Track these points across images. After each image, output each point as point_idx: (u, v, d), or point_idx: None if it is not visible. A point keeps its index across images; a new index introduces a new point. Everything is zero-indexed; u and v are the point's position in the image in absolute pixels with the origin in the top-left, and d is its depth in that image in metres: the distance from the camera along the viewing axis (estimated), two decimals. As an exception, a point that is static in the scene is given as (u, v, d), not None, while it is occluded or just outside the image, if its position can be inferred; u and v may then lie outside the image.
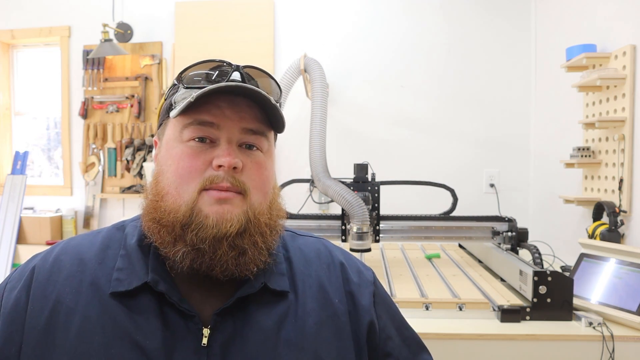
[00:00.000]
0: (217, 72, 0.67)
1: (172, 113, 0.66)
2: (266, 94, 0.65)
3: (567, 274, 1.46)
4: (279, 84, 0.72)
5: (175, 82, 0.69)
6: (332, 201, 1.97)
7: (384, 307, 0.75)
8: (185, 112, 0.64)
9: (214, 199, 0.62)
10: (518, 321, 1.29)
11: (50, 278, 0.64)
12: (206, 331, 0.61)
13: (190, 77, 0.67)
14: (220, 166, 0.62)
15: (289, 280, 0.69)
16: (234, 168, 0.63)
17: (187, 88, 0.67)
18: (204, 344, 0.61)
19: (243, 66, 0.68)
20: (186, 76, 0.68)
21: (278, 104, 0.71)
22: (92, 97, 3.04)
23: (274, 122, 0.68)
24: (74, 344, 0.59)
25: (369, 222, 1.55)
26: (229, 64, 0.68)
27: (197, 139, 0.64)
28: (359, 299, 0.71)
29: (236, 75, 0.66)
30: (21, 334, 0.61)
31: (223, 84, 0.63)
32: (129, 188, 3.01)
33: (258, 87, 0.68)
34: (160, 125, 0.72)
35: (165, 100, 0.71)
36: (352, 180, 1.75)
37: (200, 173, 0.63)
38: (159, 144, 0.71)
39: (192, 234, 0.61)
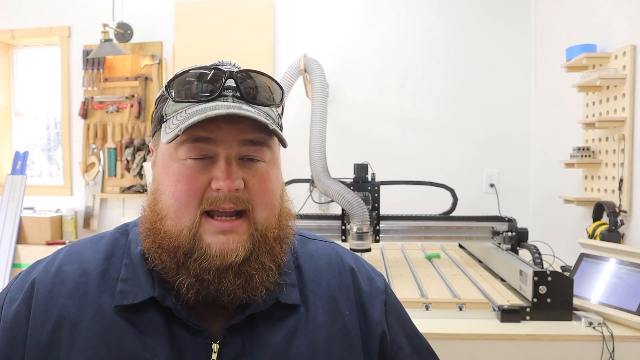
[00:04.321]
0: (206, 79, 0.61)
1: (164, 137, 0.61)
2: (264, 119, 0.58)
3: (567, 274, 1.46)
4: (280, 83, 0.67)
5: (164, 92, 0.64)
6: (332, 201, 1.97)
7: (395, 316, 0.73)
8: (170, 140, 0.59)
9: (217, 229, 0.59)
10: (518, 321, 1.29)
11: (53, 290, 0.61)
12: (215, 346, 0.59)
13: (180, 87, 0.62)
14: (219, 189, 0.59)
15: (299, 290, 0.66)
16: (236, 189, 0.59)
17: (176, 102, 0.62)
18: (214, 359, 0.59)
19: (237, 71, 0.62)
20: (175, 87, 0.62)
21: (279, 125, 0.66)
22: (92, 97, 3.04)
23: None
24: None
25: (369, 222, 1.55)
26: (221, 70, 0.61)
27: (193, 157, 0.60)
28: (370, 310, 0.69)
29: (231, 82, 0.61)
30: (22, 350, 0.59)
31: (212, 113, 0.56)
32: (129, 188, 3.01)
33: (256, 86, 0.63)
34: (154, 133, 0.67)
35: (155, 108, 0.67)
36: (352, 180, 1.75)
37: (200, 195, 0.59)
38: (155, 153, 0.67)
39: (196, 264, 0.58)
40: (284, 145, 0.63)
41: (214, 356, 0.59)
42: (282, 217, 0.66)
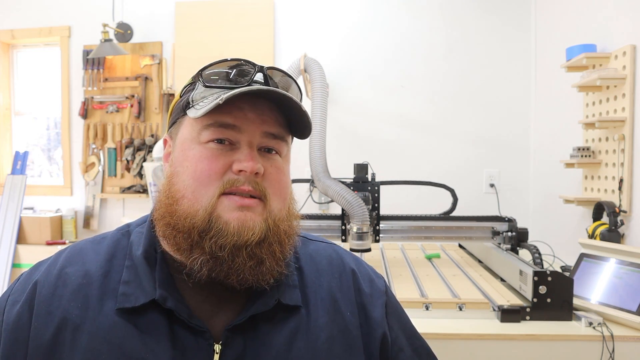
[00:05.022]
0: (237, 70, 0.64)
1: (195, 113, 0.63)
2: (297, 100, 0.63)
3: (567, 274, 1.46)
4: (300, 87, 0.70)
5: (194, 80, 0.67)
6: (332, 201, 1.97)
7: (396, 318, 0.73)
8: (205, 113, 0.61)
9: (235, 205, 0.60)
10: (518, 321, 1.29)
11: (55, 292, 0.62)
12: (217, 347, 0.60)
13: (209, 75, 0.64)
14: (241, 171, 0.61)
15: (300, 292, 0.67)
16: (256, 173, 0.61)
17: (207, 87, 0.64)
18: None
19: (267, 67, 0.65)
20: (206, 74, 0.65)
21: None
22: (92, 97, 3.04)
23: (299, 127, 0.67)
24: None
25: (369, 222, 1.55)
26: (252, 64, 0.65)
27: (216, 141, 0.62)
28: (371, 311, 0.70)
29: (259, 77, 0.64)
30: (25, 352, 0.59)
31: (255, 87, 0.61)
32: (129, 188, 3.01)
33: (280, 84, 0.66)
34: (173, 123, 0.69)
35: (180, 97, 0.68)
36: (352, 180, 1.75)
37: (220, 176, 0.61)
38: (172, 143, 0.68)
39: (212, 241, 0.59)
40: (309, 131, 0.66)
41: (216, 357, 0.59)
42: (291, 214, 0.67)
